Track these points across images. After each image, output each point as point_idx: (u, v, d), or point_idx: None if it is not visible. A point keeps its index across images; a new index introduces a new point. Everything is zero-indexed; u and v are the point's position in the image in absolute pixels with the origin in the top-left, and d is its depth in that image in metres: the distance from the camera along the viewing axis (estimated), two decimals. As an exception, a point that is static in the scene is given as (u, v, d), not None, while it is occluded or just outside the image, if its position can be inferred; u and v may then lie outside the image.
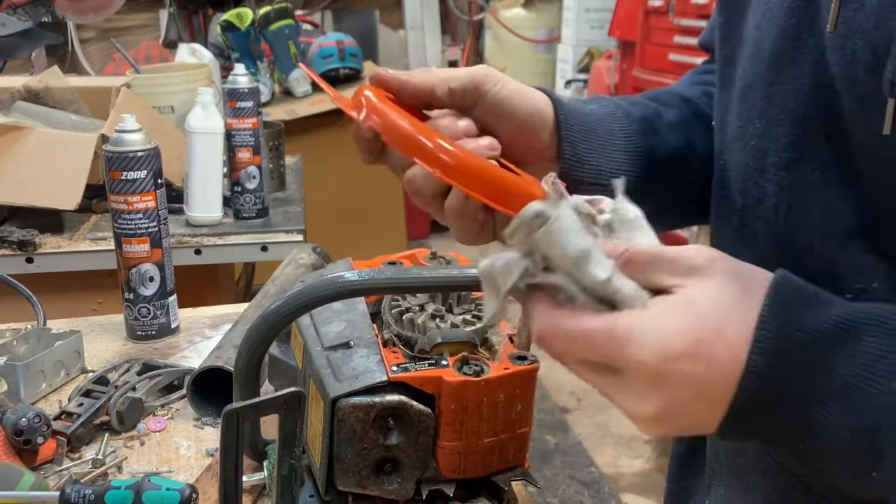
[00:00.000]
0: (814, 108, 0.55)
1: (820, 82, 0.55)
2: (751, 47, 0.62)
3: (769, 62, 0.59)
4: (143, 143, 1.14)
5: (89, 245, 1.64)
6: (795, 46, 0.57)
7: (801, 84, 0.56)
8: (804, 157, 0.57)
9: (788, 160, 0.58)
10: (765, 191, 0.60)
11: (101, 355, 1.15)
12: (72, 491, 0.75)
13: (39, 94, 1.87)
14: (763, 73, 0.60)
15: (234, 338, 1.00)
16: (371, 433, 0.66)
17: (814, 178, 0.56)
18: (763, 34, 0.60)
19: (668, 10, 3.04)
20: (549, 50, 4.49)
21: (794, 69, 0.57)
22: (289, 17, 3.06)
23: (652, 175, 0.70)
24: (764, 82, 0.60)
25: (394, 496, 0.68)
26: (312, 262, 1.15)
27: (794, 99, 0.57)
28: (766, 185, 0.60)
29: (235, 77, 1.69)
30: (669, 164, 0.71)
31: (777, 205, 0.59)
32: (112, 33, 3.76)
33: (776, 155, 0.58)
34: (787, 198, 0.58)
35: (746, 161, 0.62)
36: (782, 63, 0.58)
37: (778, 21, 0.58)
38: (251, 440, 0.80)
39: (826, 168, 0.55)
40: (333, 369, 0.68)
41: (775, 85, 0.58)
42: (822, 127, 0.55)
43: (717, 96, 0.69)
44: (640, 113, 0.71)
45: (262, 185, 1.75)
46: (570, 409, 3.11)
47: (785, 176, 0.58)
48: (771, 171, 0.59)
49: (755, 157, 0.61)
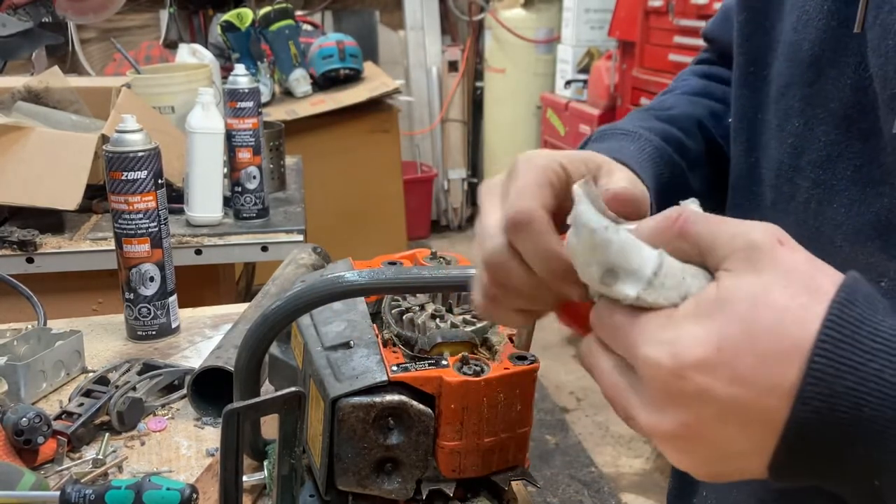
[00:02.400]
0: (855, 108, 0.57)
1: (861, 83, 0.56)
2: (787, 48, 0.62)
3: (808, 63, 0.60)
4: (143, 143, 1.14)
5: (90, 245, 1.64)
6: (836, 48, 0.58)
7: (843, 85, 0.57)
8: (842, 155, 0.58)
9: (826, 158, 0.59)
10: (798, 187, 0.61)
11: (101, 355, 1.15)
12: (72, 491, 0.75)
13: (40, 94, 1.87)
14: (802, 73, 0.60)
15: (234, 338, 1.00)
16: (371, 433, 0.66)
17: (846, 175, 0.57)
18: (800, 36, 0.60)
19: (667, 11, 3.05)
20: (549, 50, 4.49)
21: (835, 70, 0.58)
22: (289, 18, 3.06)
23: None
24: (803, 82, 0.60)
25: (394, 496, 0.68)
26: (312, 262, 1.15)
27: (837, 99, 0.58)
28: (800, 182, 0.61)
29: (236, 77, 1.69)
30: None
31: (808, 200, 0.60)
32: (112, 34, 3.76)
33: (814, 153, 0.59)
34: (819, 195, 0.59)
35: (781, 158, 0.62)
36: (822, 64, 0.59)
37: (816, 23, 0.59)
38: (251, 440, 0.80)
39: (859, 166, 0.56)
40: (333, 369, 0.68)
41: (815, 85, 0.59)
42: (861, 126, 0.56)
43: (737, 94, 0.69)
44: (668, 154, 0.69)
45: (263, 185, 1.75)
46: (570, 409, 3.11)
47: (821, 174, 0.59)
48: (807, 169, 0.60)
49: (791, 154, 0.61)
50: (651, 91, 3.15)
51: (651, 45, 3.23)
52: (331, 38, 3.31)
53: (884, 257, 0.55)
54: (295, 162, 2.29)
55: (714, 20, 0.82)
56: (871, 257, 0.56)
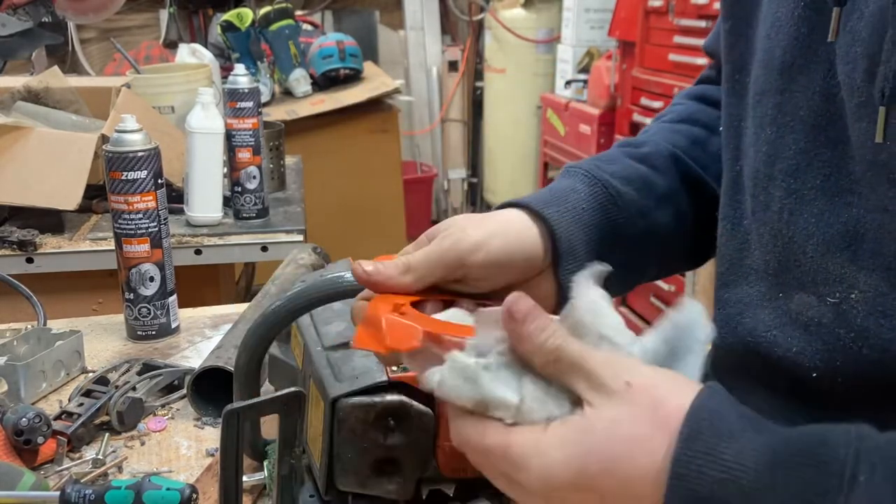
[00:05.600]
0: (823, 116, 0.56)
1: (830, 91, 0.55)
2: (762, 55, 0.62)
3: (780, 70, 0.59)
4: (143, 143, 1.14)
5: (89, 245, 1.64)
6: (806, 55, 0.57)
7: (812, 92, 0.57)
8: (811, 164, 0.57)
9: (797, 166, 0.58)
10: (772, 196, 0.61)
11: (101, 355, 1.15)
12: (72, 491, 0.75)
13: (40, 94, 1.87)
14: (775, 81, 0.60)
15: (234, 338, 1.00)
16: (371, 433, 0.66)
17: (816, 185, 0.57)
18: (773, 43, 0.60)
19: (667, 11, 3.04)
20: (549, 50, 4.49)
21: (805, 78, 0.57)
22: (289, 18, 3.06)
23: (637, 253, 0.70)
24: (775, 90, 0.60)
25: (394, 496, 0.68)
26: (312, 262, 1.15)
27: (806, 107, 0.57)
28: (773, 191, 0.60)
29: (235, 77, 1.69)
30: (658, 238, 0.71)
31: (781, 210, 0.60)
32: (112, 33, 3.76)
33: (785, 161, 0.59)
34: (791, 204, 0.59)
35: (757, 167, 0.62)
36: (793, 72, 0.58)
37: (788, 30, 0.59)
38: (251, 440, 0.80)
39: (828, 175, 0.56)
40: (334, 369, 0.68)
41: (786, 93, 0.59)
42: (829, 134, 0.56)
43: (725, 102, 0.69)
44: (629, 196, 0.69)
45: (263, 185, 1.75)
46: (570, 410, 3.10)
47: (792, 182, 0.59)
48: (779, 178, 0.60)
49: (766, 162, 0.61)
50: (651, 91, 3.15)
51: (651, 45, 3.23)
52: (331, 37, 3.31)
53: (853, 269, 0.55)
54: (295, 162, 2.29)
55: (712, 34, 0.82)
56: (842, 268, 0.55)
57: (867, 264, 0.54)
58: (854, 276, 0.55)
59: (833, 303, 0.56)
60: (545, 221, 0.64)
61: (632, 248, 0.69)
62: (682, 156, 0.75)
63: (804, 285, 0.57)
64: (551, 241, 0.64)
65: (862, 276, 0.54)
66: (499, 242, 0.61)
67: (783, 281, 0.60)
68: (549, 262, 0.64)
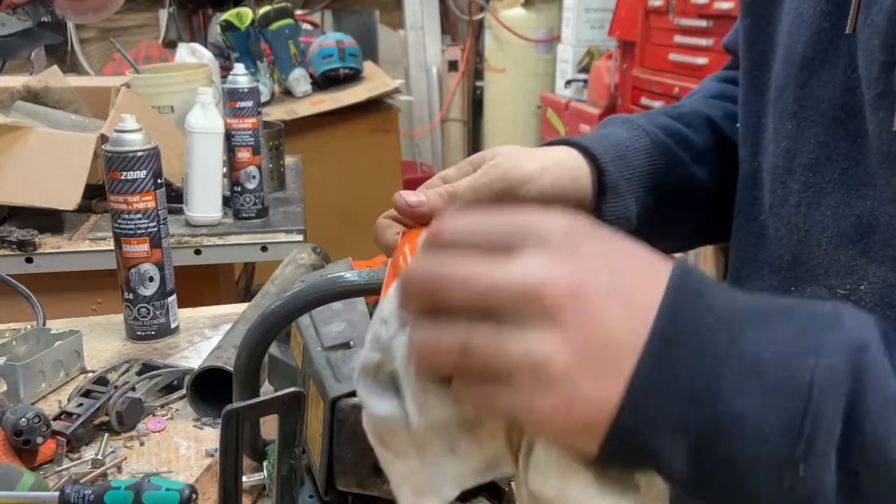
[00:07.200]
0: (843, 109, 0.57)
1: (850, 85, 0.56)
2: (783, 50, 0.63)
3: (801, 65, 0.60)
4: (142, 143, 1.14)
5: (89, 245, 1.64)
6: (828, 49, 0.58)
7: (833, 86, 0.57)
8: (830, 157, 0.58)
9: (816, 160, 0.59)
10: (790, 190, 0.61)
11: (100, 355, 1.15)
12: (71, 491, 0.75)
13: (39, 93, 1.86)
14: (795, 75, 0.60)
15: (234, 338, 1.00)
16: (371, 433, 0.65)
17: (833, 178, 0.57)
18: (794, 38, 0.61)
19: (668, 10, 3.04)
20: (549, 50, 4.49)
21: (827, 72, 0.58)
22: (289, 17, 3.06)
23: (673, 206, 0.70)
24: (796, 84, 0.60)
25: (393, 496, 0.68)
26: (312, 262, 1.15)
27: (827, 101, 0.58)
28: (792, 185, 0.61)
29: (235, 77, 1.69)
30: (690, 194, 0.72)
31: (798, 203, 0.60)
32: (112, 33, 3.76)
33: (805, 155, 0.60)
34: (808, 197, 0.59)
35: (776, 161, 0.63)
36: (814, 66, 0.59)
37: (810, 25, 0.59)
38: (251, 440, 0.80)
39: (846, 168, 0.56)
40: (333, 369, 0.68)
41: (807, 87, 0.60)
42: (849, 128, 0.56)
43: (743, 99, 0.69)
44: (668, 145, 0.70)
45: (262, 185, 1.75)
46: (570, 409, 3.10)
47: (811, 176, 0.59)
48: (798, 171, 0.60)
49: (785, 157, 0.62)
50: (652, 91, 3.15)
51: (651, 45, 3.23)
52: (330, 37, 3.31)
53: (864, 260, 0.55)
54: (295, 162, 2.29)
55: (731, 32, 0.83)
56: (853, 260, 0.56)
57: (877, 256, 0.54)
58: (864, 268, 0.55)
59: (843, 294, 0.56)
60: (593, 158, 0.64)
61: (669, 198, 0.69)
62: (717, 122, 0.76)
63: (816, 278, 0.57)
64: (598, 177, 0.63)
65: (872, 268, 0.55)
66: (551, 177, 0.59)
67: (796, 275, 0.61)
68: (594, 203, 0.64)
